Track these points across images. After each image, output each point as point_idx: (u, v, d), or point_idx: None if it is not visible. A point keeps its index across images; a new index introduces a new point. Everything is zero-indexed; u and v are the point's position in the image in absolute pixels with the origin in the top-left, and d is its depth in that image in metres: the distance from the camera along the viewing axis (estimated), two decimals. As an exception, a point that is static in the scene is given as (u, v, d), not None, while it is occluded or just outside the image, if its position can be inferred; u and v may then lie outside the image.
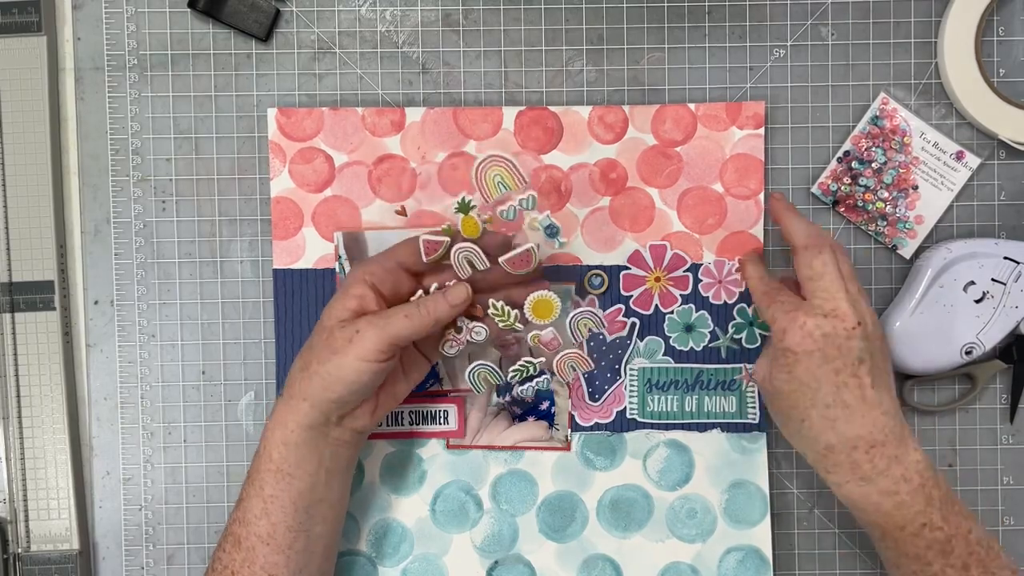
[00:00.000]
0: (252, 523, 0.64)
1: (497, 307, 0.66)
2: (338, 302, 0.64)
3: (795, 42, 0.75)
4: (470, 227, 0.65)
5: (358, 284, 0.65)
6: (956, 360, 0.73)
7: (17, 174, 0.74)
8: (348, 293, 0.64)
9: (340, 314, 0.64)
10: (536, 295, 0.67)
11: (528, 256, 0.66)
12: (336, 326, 0.63)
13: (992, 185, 0.76)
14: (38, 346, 0.74)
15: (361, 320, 0.63)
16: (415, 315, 0.63)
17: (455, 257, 0.66)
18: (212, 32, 0.75)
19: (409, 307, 0.64)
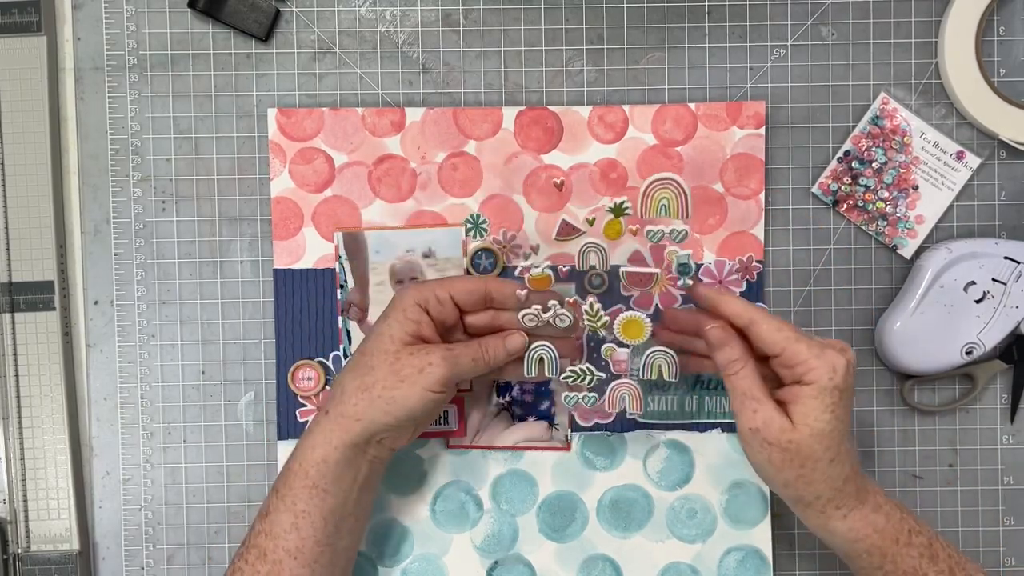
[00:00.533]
0: (281, 536, 0.64)
1: (593, 309, 0.67)
2: (398, 324, 0.65)
3: (795, 42, 0.75)
4: (613, 230, 0.68)
5: (415, 308, 0.65)
6: (956, 360, 0.73)
7: (17, 174, 0.74)
8: (407, 316, 0.65)
9: (403, 338, 0.64)
10: (629, 314, 0.67)
11: (650, 278, 0.68)
12: (403, 352, 0.64)
13: (992, 185, 0.76)
14: (38, 346, 0.74)
15: (433, 353, 0.64)
16: (479, 359, 0.66)
17: (581, 250, 0.68)
18: (212, 32, 0.75)
19: (475, 350, 0.66)
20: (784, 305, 0.75)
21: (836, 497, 0.64)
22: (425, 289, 0.66)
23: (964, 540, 0.76)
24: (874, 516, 0.64)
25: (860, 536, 0.64)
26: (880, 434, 0.76)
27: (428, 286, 0.66)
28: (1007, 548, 0.76)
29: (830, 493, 0.63)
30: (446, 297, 0.66)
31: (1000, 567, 0.76)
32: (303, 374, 0.74)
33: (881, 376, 0.76)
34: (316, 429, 0.65)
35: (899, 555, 0.64)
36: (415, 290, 0.66)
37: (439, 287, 0.66)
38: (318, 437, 0.64)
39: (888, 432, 0.76)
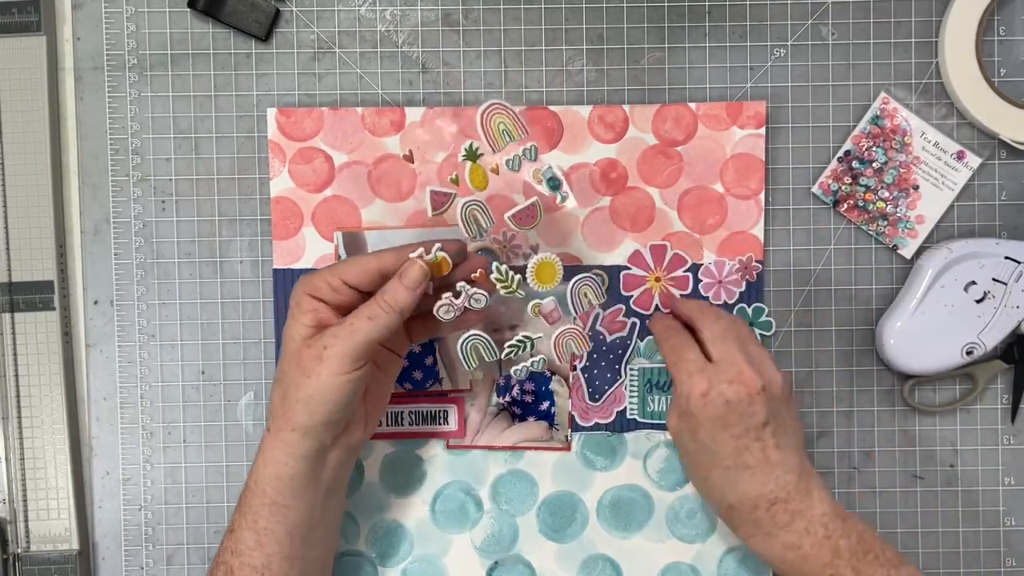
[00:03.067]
0: (245, 554, 0.63)
1: (501, 270, 0.63)
2: (294, 321, 0.62)
3: (796, 42, 0.75)
4: (478, 177, 0.63)
5: (308, 299, 0.62)
6: (957, 360, 0.73)
7: (17, 174, 0.74)
8: (301, 309, 0.62)
9: (301, 332, 0.62)
10: (539, 257, 0.64)
11: (533, 210, 0.64)
12: (302, 347, 0.61)
13: (993, 185, 0.75)
14: (38, 346, 0.74)
15: (326, 335, 0.60)
16: (378, 313, 0.60)
17: (462, 212, 0.63)
18: (212, 32, 0.75)
19: (369, 307, 0.61)
20: (784, 305, 0.75)
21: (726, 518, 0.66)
22: (315, 278, 0.62)
23: (964, 540, 0.76)
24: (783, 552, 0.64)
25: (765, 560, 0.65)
26: (880, 434, 0.76)
27: (318, 275, 0.63)
28: (1008, 549, 0.76)
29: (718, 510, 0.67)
30: (338, 283, 0.62)
31: (1001, 568, 0.76)
32: (303, 374, 0.74)
33: (881, 376, 0.76)
34: (263, 447, 0.63)
35: None
36: (303, 282, 0.63)
37: (328, 274, 0.62)
38: (267, 454, 0.63)
39: (888, 432, 0.76)
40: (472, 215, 0.64)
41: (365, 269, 0.62)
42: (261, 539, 0.63)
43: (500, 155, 0.64)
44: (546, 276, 0.65)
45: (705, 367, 0.64)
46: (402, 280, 0.61)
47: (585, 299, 0.68)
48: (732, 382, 0.63)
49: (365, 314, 0.61)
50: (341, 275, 0.62)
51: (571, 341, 0.68)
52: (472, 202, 0.63)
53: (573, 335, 0.68)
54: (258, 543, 0.63)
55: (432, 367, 0.75)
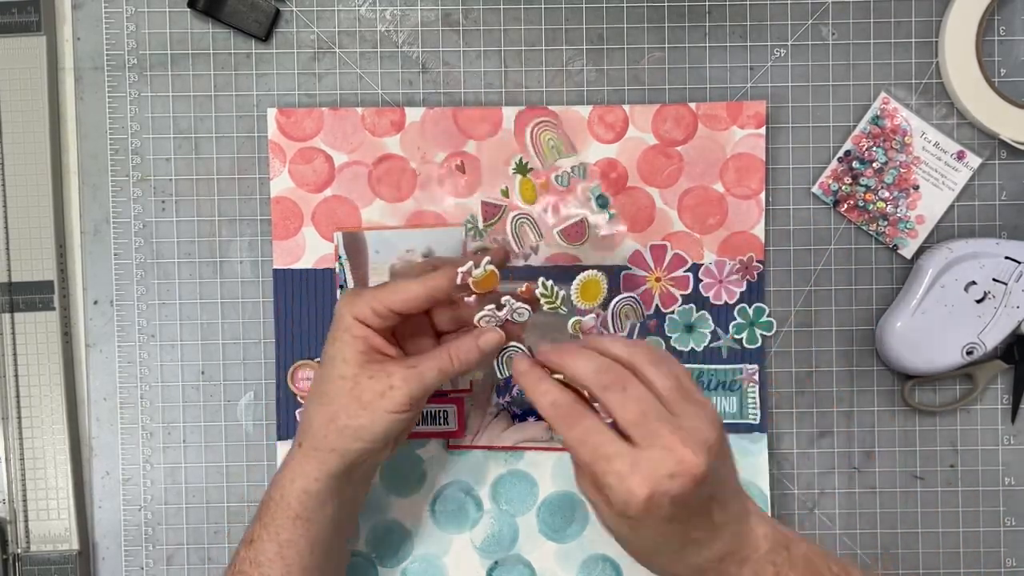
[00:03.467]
0: (265, 565, 0.63)
1: (547, 286, 0.62)
2: (346, 345, 0.61)
3: (796, 42, 0.75)
4: (528, 190, 0.64)
5: (356, 325, 0.62)
6: (957, 360, 0.73)
7: (17, 174, 0.74)
8: (352, 334, 0.62)
9: (355, 358, 0.61)
10: (585, 275, 0.63)
11: (581, 227, 0.64)
12: (361, 375, 0.61)
13: (993, 185, 0.75)
14: (38, 346, 0.74)
15: (394, 375, 0.61)
16: (447, 368, 0.62)
17: (511, 224, 0.64)
18: (212, 32, 0.75)
19: (443, 359, 0.62)
20: (784, 305, 0.75)
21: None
22: (361, 304, 0.62)
23: (965, 541, 0.76)
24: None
25: None
26: (880, 434, 0.76)
27: (363, 299, 0.62)
28: (1008, 549, 0.76)
29: None
30: (384, 311, 0.61)
31: (1001, 568, 0.76)
32: (303, 374, 0.74)
33: (881, 376, 0.76)
34: (292, 462, 0.63)
35: None
36: (350, 304, 0.62)
37: (375, 301, 0.62)
38: (296, 470, 0.63)
39: (888, 432, 0.76)
40: (522, 229, 0.64)
41: (413, 297, 0.62)
42: (283, 551, 0.63)
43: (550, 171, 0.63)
44: (590, 294, 0.64)
45: (637, 461, 0.54)
46: (479, 342, 0.62)
47: (625, 319, 0.66)
48: (674, 475, 0.53)
49: (436, 367, 0.62)
50: (389, 304, 0.62)
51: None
52: (521, 215, 0.64)
53: None
54: (279, 555, 0.63)
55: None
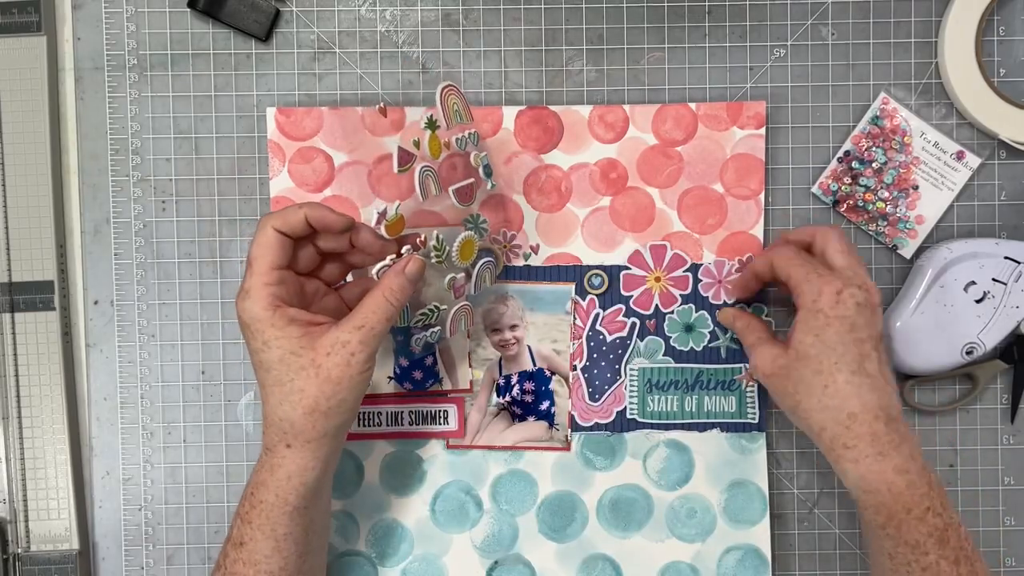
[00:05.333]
0: (262, 563, 0.63)
1: (439, 241, 0.67)
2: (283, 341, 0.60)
3: (795, 42, 0.75)
4: (435, 146, 0.67)
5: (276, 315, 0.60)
6: (957, 360, 0.73)
7: (17, 174, 0.74)
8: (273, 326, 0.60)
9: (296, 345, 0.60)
10: (464, 235, 0.68)
11: (471, 189, 0.68)
12: (318, 356, 0.60)
13: (992, 185, 0.75)
14: (38, 346, 0.74)
15: (351, 341, 0.60)
16: (391, 312, 0.62)
17: (419, 175, 0.66)
18: (212, 32, 0.75)
19: (384, 306, 0.62)
20: (784, 305, 0.75)
21: (843, 435, 0.63)
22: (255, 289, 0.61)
23: (964, 540, 0.76)
24: (894, 476, 0.63)
25: (871, 489, 0.63)
26: (880, 434, 0.76)
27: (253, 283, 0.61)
28: (1008, 548, 0.76)
29: (834, 428, 0.64)
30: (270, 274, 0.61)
31: (1001, 567, 0.76)
32: (303, 374, 0.74)
33: (881, 376, 0.76)
34: (285, 463, 0.62)
35: (906, 524, 0.63)
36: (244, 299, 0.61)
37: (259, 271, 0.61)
38: (292, 469, 0.62)
39: (888, 432, 0.76)
40: (427, 180, 0.67)
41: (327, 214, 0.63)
42: (280, 545, 0.63)
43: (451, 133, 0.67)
44: (466, 254, 0.69)
45: (834, 272, 0.65)
46: (405, 271, 0.63)
47: (483, 279, 0.71)
48: (862, 287, 0.64)
49: (380, 314, 0.61)
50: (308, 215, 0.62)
51: (462, 317, 0.71)
52: (427, 168, 0.66)
53: (465, 311, 0.71)
54: (277, 549, 0.63)
55: (432, 367, 0.75)
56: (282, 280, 0.62)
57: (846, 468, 0.64)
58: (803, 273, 0.65)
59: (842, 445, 0.64)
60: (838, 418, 0.64)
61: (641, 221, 0.75)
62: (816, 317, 0.64)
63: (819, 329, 0.64)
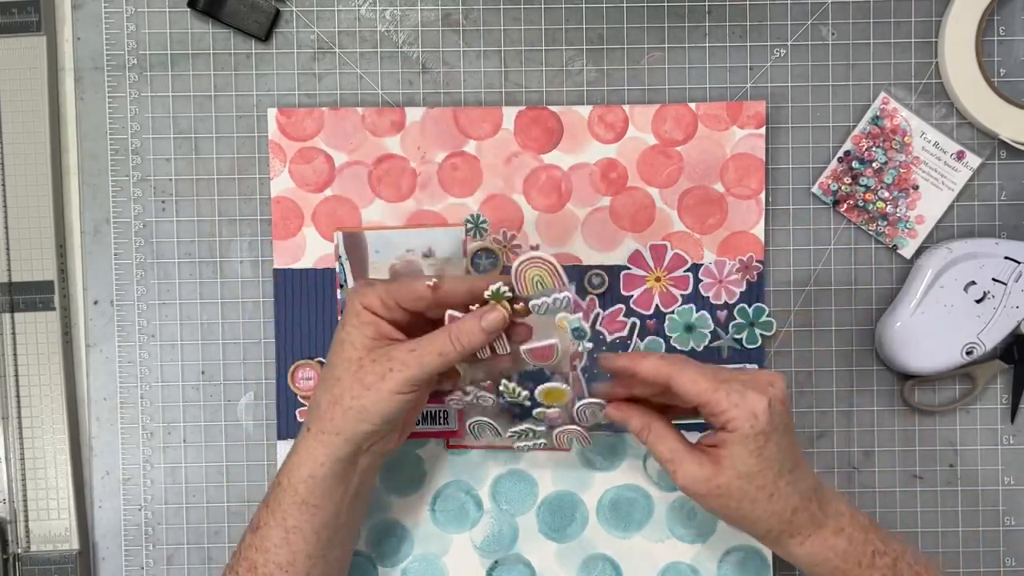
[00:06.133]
0: (271, 551, 0.64)
1: (508, 387, 0.65)
2: (355, 330, 0.63)
3: (795, 42, 0.75)
4: None
5: (364, 312, 0.63)
6: (957, 360, 0.73)
7: (17, 174, 0.74)
8: (361, 320, 0.63)
9: (363, 342, 0.62)
10: (547, 386, 0.66)
11: (550, 351, 0.64)
12: (366, 358, 0.62)
13: (993, 185, 0.76)
14: (38, 346, 0.74)
15: (395, 359, 0.61)
16: (449, 352, 0.62)
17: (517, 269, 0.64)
18: (212, 32, 0.75)
19: (443, 342, 0.62)
20: (784, 305, 0.75)
21: (788, 528, 0.63)
22: (371, 295, 0.63)
23: (964, 540, 0.76)
24: (835, 539, 0.63)
25: (819, 560, 0.64)
26: (880, 434, 0.76)
27: (374, 290, 0.63)
28: (1007, 548, 0.76)
29: (780, 526, 0.63)
30: (391, 303, 0.63)
31: (1000, 567, 0.76)
32: (303, 374, 0.74)
33: (881, 376, 0.76)
34: (300, 446, 0.64)
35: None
36: (360, 292, 0.63)
37: (385, 293, 0.63)
38: (303, 454, 0.63)
39: (888, 432, 0.76)
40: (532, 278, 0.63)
41: (420, 297, 0.63)
42: (289, 537, 0.63)
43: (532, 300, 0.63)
44: (554, 397, 0.66)
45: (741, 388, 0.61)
46: (482, 322, 0.62)
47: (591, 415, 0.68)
48: (773, 384, 0.62)
49: (437, 348, 0.62)
50: (396, 298, 0.63)
51: (572, 437, 0.69)
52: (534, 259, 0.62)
53: (575, 433, 0.69)
54: (285, 540, 0.64)
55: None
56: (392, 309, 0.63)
57: (794, 552, 0.64)
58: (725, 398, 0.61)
59: (788, 535, 0.64)
60: (782, 517, 0.63)
61: (641, 221, 0.75)
62: (756, 439, 0.61)
63: (760, 449, 0.61)
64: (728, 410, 0.61)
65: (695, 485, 0.63)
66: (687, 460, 0.63)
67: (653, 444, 0.64)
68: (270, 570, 0.64)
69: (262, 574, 0.64)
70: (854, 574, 0.63)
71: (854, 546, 0.63)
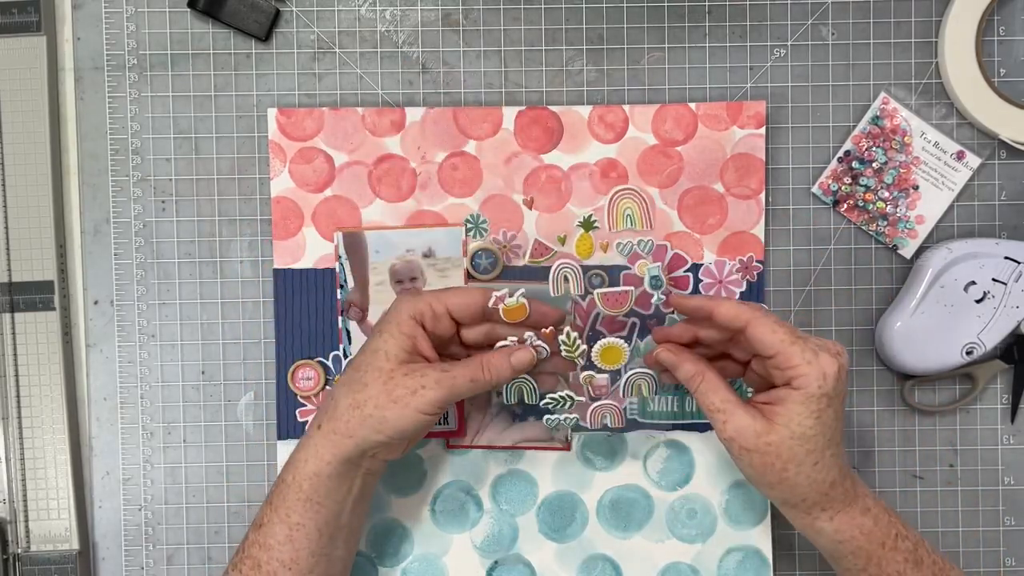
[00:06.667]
0: (275, 548, 0.64)
1: (570, 338, 0.66)
2: (392, 339, 0.64)
3: (796, 42, 0.75)
4: (585, 246, 0.67)
5: (410, 322, 0.64)
6: (957, 360, 0.73)
7: (17, 174, 0.74)
8: (401, 331, 0.64)
9: (398, 355, 0.63)
10: (607, 341, 0.66)
11: (625, 297, 0.65)
12: (398, 371, 0.63)
13: (993, 185, 0.76)
14: (38, 346, 0.74)
15: (428, 377, 0.63)
16: (479, 380, 0.64)
17: (555, 271, 0.67)
18: (212, 32, 0.75)
19: (474, 369, 0.64)
20: (784, 305, 0.75)
21: (822, 500, 0.63)
22: (421, 302, 0.64)
23: (964, 540, 0.76)
24: (862, 519, 0.64)
25: (846, 538, 0.64)
26: (880, 434, 0.76)
27: (424, 299, 0.65)
28: (1007, 548, 0.76)
29: (815, 496, 0.63)
30: (443, 311, 0.65)
31: (1000, 567, 0.76)
32: (303, 374, 0.74)
33: (881, 376, 0.76)
34: (308, 443, 0.64)
35: (884, 558, 0.64)
36: (410, 302, 0.64)
37: (435, 300, 0.65)
38: (310, 451, 0.64)
39: (888, 432, 0.76)
40: (563, 275, 0.67)
41: (474, 303, 0.65)
42: (293, 534, 0.64)
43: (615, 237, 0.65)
44: (611, 358, 0.67)
45: (813, 350, 0.61)
46: (512, 360, 0.65)
47: (637, 389, 0.68)
48: (839, 355, 0.62)
49: (468, 376, 0.64)
50: (448, 303, 0.65)
51: (607, 414, 0.69)
52: (568, 265, 0.66)
53: (611, 410, 0.69)
54: (289, 538, 0.64)
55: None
56: (441, 318, 0.65)
57: (822, 526, 0.64)
58: (799, 353, 0.61)
59: (819, 508, 0.64)
60: (821, 488, 0.63)
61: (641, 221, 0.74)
62: (820, 401, 0.61)
63: (820, 412, 0.62)
64: (800, 365, 0.61)
65: (744, 438, 0.62)
66: (740, 411, 0.63)
67: (704, 393, 0.64)
68: (274, 567, 0.64)
69: (266, 572, 0.64)
70: (877, 554, 0.64)
71: (879, 527, 0.64)
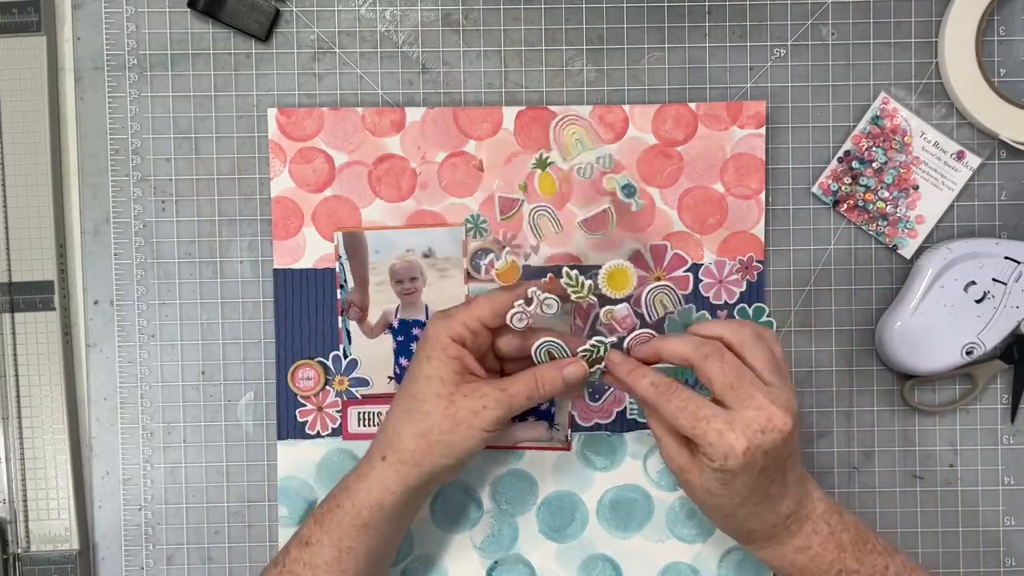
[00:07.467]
0: (321, 568, 0.65)
1: (571, 276, 0.64)
2: (443, 365, 0.64)
3: (796, 42, 0.75)
4: (547, 184, 0.64)
5: (454, 345, 0.64)
6: (957, 360, 0.73)
7: (17, 174, 0.74)
8: (448, 353, 0.64)
9: (452, 378, 0.64)
10: (611, 264, 0.64)
11: (604, 217, 0.64)
12: (456, 393, 0.63)
13: (993, 185, 0.76)
14: (38, 346, 0.74)
15: (489, 395, 0.63)
16: (534, 394, 0.65)
17: (529, 219, 0.65)
18: (212, 32, 0.75)
19: (529, 385, 0.65)
20: (784, 305, 0.75)
21: (743, 538, 0.65)
22: (456, 323, 0.65)
23: (964, 540, 0.76)
24: (795, 556, 0.64)
25: (776, 566, 0.65)
26: (880, 434, 0.76)
27: (457, 319, 0.65)
28: (1007, 548, 0.76)
29: (735, 535, 0.66)
30: (477, 326, 0.65)
31: (1000, 567, 0.76)
32: (303, 374, 0.74)
33: (881, 376, 0.76)
34: (372, 473, 0.65)
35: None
36: (446, 325, 0.65)
37: (467, 317, 0.65)
38: (374, 481, 0.64)
39: (888, 432, 0.76)
40: (541, 220, 0.65)
41: (503, 308, 0.65)
42: (342, 557, 0.64)
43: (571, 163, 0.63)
44: (619, 282, 0.65)
45: (733, 419, 0.59)
46: (564, 374, 0.65)
47: (660, 306, 0.67)
48: (765, 431, 0.59)
49: (525, 393, 0.64)
50: (480, 317, 0.65)
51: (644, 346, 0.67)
52: (540, 208, 0.65)
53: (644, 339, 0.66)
54: (337, 559, 0.64)
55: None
56: (478, 332, 0.65)
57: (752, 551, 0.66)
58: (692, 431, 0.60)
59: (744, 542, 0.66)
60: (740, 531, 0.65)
61: (641, 221, 0.74)
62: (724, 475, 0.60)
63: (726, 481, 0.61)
64: (703, 446, 0.60)
65: (671, 463, 0.64)
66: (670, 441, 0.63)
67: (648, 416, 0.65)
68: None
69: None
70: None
71: (817, 563, 0.64)
